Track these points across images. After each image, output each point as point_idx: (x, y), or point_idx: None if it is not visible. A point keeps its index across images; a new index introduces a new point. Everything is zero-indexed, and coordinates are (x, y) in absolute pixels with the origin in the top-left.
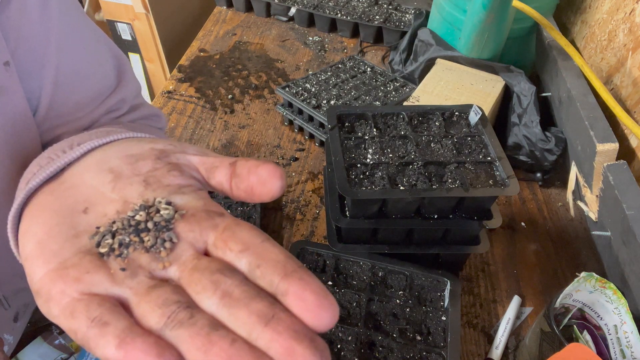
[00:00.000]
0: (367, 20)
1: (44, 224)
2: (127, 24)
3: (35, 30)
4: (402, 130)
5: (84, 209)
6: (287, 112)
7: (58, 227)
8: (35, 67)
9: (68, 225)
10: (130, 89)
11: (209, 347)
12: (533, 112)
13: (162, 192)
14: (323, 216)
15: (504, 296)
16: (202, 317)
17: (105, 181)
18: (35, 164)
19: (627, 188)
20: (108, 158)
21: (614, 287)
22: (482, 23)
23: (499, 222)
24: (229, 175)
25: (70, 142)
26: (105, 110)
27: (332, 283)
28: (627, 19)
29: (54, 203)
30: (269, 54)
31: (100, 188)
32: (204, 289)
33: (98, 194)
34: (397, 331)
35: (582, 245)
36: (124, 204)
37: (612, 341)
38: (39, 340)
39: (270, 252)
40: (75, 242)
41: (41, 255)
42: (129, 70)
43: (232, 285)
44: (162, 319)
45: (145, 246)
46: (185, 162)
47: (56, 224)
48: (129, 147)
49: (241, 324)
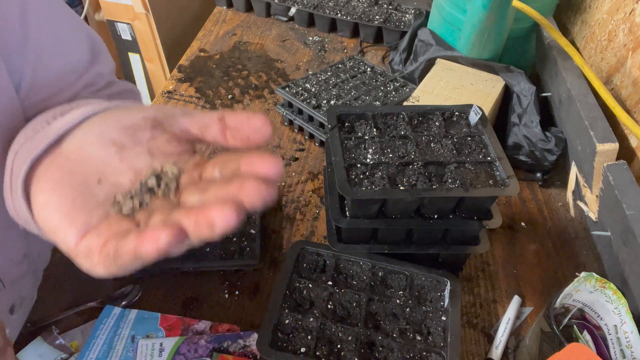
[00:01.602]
0: (367, 20)
1: (65, 198)
2: (127, 24)
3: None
4: (402, 130)
5: (98, 180)
6: (287, 112)
7: (80, 199)
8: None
9: (88, 196)
10: (106, 65)
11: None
12: (533, 112)
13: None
14: (323, 216)
15: (504, 296)
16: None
17: (110, 153)
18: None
19: (627, 188)
20: (107, 131)
21: (614, 287)
22: (482, 23)
23: (499, 222)
24: (222, 130)
25: (53, 113)
26: (84, 84)
27: (332, 283)
28: (627, 19)
29: (66, 178)
30: (269, 54)
31: (108, 160)
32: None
33: (107, 166)
34: (397, 331)
35: (582, 245)
36: (135, 174)
37: (612, 341)
38: (39, 340)
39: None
40: (99, 209)
41: (72, 225)
42: (104, 48)
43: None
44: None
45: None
46: (179, 128)
47: (77, 196)
48: (123, 118)
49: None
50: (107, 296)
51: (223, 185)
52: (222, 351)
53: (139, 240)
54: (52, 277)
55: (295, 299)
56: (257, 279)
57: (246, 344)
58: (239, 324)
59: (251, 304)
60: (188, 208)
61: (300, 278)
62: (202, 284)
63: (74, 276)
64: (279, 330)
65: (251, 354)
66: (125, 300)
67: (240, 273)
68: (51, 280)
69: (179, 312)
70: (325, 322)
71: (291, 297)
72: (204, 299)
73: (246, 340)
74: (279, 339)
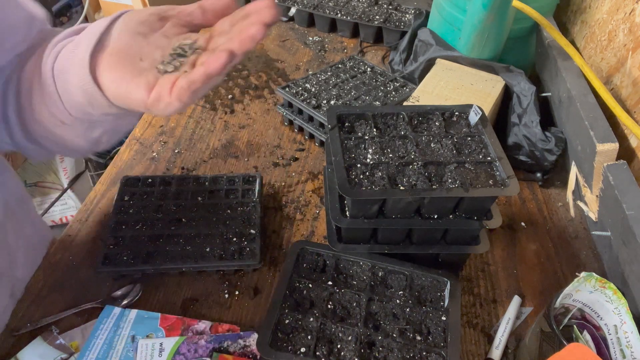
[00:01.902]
0: (367, 20)
1: (124, 72)
2: None
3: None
4: (402, 130)
5: (140, 58)
6: (287, 112)
7: (134, 71)
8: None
9: (139, 69)
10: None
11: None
12: (533, 112)
13: (179, 38)
14: (323, 216)
15: (504, 296)
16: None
17: (139, 40)
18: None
19: (627, 188)
20: (130, 26)
21: (614, 287)
22: (482, 23)
23: (499, 222)
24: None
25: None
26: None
27: (332, 283)
28: (627, 19)
29: (118, 61)
30: (269, 54)
31: (139, 45)
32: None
33: (141, 48)
34: (397, 331)
35: (582, 245)
36: (161, 50)
37: (612, 341)
38: (39, 340)
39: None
40: (150, 74)
41: (138, 86)
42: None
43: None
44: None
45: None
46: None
47: (131, 70)
48: (137, 17)
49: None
50: (107, 296)
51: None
52: (222, 351)
53: (207, 64)
54: (52, 277)
55: (295, 299)
56: (257, 279)
57: (246, 344)
58: (239, 324)
59: (251, 304)
60: (228, 36)
61: (300, 278)
62: (202, 284)
63: (74, 276)
64: (279, 330)
65: (251, 354)
66: (125, 300)
67: (240, 273)
68: (51, 280)
69: (179, 312)
70: (325, 322)
71: (291, 297)
72: (204, 299)
73: (246, 340)
74: (279, 339)
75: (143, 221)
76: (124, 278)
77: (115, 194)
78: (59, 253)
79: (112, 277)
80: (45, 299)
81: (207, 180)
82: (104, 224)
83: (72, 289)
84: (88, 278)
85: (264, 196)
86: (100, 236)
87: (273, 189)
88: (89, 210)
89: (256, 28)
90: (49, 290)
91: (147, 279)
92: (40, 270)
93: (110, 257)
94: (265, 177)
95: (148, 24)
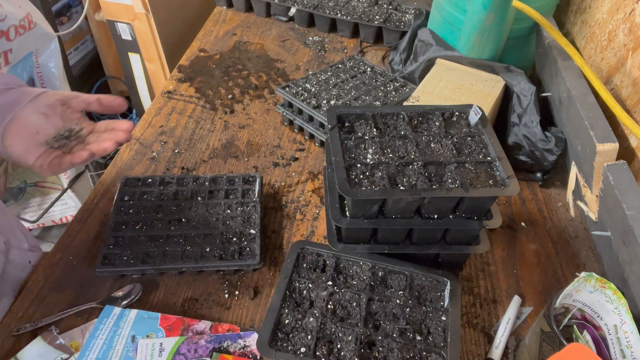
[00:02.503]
0: (367, 20)
1: (22, 142)
2: (127, 24)
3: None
4: (402, 130)
5: (37, 132)
6: (287, 112)
7: (30, 142)
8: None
9: (34, 140)
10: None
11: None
12: (533, 112)
13: (72, 122)
14: (323, 216)
15: (504, 296)
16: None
17: (42, 119)
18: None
19: (627, 188)
20: (38, 107)
21: (614, 287)
22: (482, 23)
23: (499, 222)
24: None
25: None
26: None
27: (332, 283)
28: (627, 19)
29: (22, 131)
30: (269, 54)
31: (41, 123)
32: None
33: (41, 125)
34: (397, 331)
35: (582, 245)
36: (56, 129)
37: (612, 341)
38: (39, 340)
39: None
40: (41, 147)
41: (29, 154)
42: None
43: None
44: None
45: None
46: (75, 104)
47: (28, 140)
48: (46, 100)
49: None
50: (107, 296)
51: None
52: (222, 351)
53: (72, 157)
54: (52, 277)
55: (295, 299)
56: (257, 279)
57: (246, 344)
58: (239, 324)
59: (251, 304)
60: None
61: (300, 278)
62: (202, 284)
63: (74, 276)
64: (279, 330)
65: (251, 354)
66: (125, 300)
67: (240, 273)
68: (51, 280)
69: (179, 312)
70: (325, 322)
71: (291, 297)
72: (204, 299)
73: (246, 340)
74: (279, 339)
75: (143, 221)
76: (124, 278)
77: (115, 194)
78: (59, 253)
79: (112, 277)
80: (45, 299)
81: (207, 180)
82: (103, 224)
83: (72, 289)
84: (88, 278)
85: (264, 196)
86: (100, 236)
87: (273, 189)
88: (89, 210)
89: (109, 143)
90: (49, 290)
91: (147, 279)
92: (40, 270)
93: (110, 257)
94: (265, 177)
95: (51, 107)
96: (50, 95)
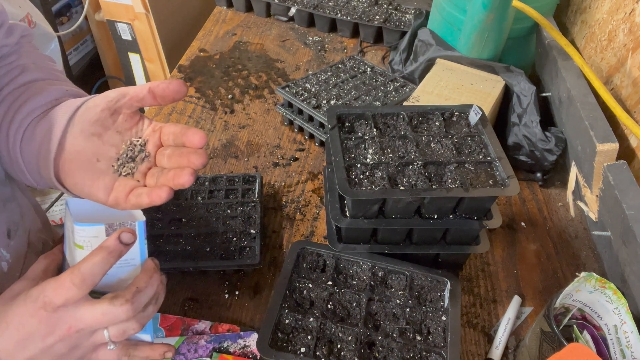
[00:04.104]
0: (367, 20)
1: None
2: (127, 24)
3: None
4: (402, 130)
5: (97, 159)
6: (287, 112)
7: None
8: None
9: (96, 170)
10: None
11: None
12: (533, 112)
13: (131, 133)
14: (323, 216)
15: (504, 296)
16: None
17: (94, 141)
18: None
19: (627, 188)
20: (84, 128)
21: (614, 287)
22: (482, 23)
23: (499, 222)
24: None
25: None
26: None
27: (332, 283)
28: (627, 19)
29: (79, 168)
30: (269, 54)
31: (95, 146)
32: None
33: (98, 148)
34: (397, 331)
35: (582, 245)
36: (115, 148)
37: (612, 341)
38: None
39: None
40: (107, 176)
41: (98, 190)
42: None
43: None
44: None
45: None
46: (126, 108)
47: (90, 173)
48: (89, 116)
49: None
50: None
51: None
52: (222, 351)
53: (152, 196)
54: None
55: (295, 299)
56: (257, 279)
57: (246, 344)
58: (239, 324)
59: (251, 304)
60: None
61: (300, 278)
62: (202, 284)
63: None
64: (279, 330)
65: (251, 354)
66: None
67: (240, 273)
68: None
69: (179, 312)
70: (325, 322)
71: (291, 297)
72: (204, 299)
73: (246, 340)
74: (279, 339)
75: None
76: None
77: None
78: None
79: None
80: None
81: (207, 180)
82: None
83: None
84: None
85: (264, 196)
86: None
87: (273, 189)
88: None
89: (186, 178)
90: None
91: None
92: None
93: None
94: (265, 177)
95: (100, 123)
96: (92, 108)
